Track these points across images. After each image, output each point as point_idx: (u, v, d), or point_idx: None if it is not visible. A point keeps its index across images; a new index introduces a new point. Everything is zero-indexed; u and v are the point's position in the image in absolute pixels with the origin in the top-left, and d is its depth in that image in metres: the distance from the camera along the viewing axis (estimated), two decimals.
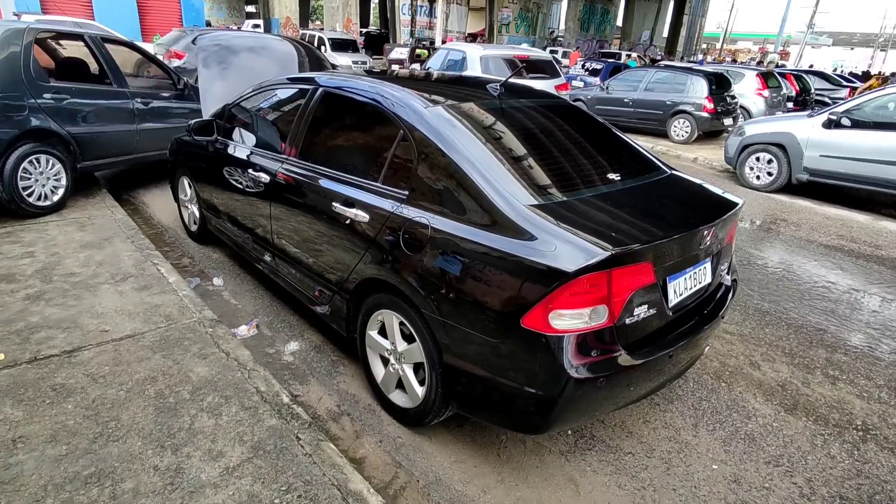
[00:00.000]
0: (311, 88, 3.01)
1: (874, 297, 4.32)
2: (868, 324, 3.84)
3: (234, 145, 3.56)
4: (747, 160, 7.54)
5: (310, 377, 2.82)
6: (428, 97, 2.48)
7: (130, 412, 2.22)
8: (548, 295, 1.78)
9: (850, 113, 6.58)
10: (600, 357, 1.88)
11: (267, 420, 2.24)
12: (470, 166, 2.11)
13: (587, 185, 2.28)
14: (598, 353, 1.88)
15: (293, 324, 3.32)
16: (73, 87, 4.63)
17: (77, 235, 4.03)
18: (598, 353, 1.88)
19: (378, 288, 2.44)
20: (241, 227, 3.54)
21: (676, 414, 2.69)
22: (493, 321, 1.93)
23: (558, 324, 1.81)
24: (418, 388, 2.33)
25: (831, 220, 6.29)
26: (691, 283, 2.24)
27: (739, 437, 2.56)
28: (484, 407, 2.12)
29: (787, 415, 2.74)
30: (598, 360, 1.87)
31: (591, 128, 2.85)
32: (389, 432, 2.45)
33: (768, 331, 3.58)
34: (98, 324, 2.87)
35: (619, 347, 1.92)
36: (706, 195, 2.55)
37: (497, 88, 2.73)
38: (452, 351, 2.09)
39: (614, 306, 1.87)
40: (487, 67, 9.14)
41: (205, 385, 2.44)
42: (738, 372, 3.08)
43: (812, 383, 3.03)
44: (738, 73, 12.55)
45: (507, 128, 2.47)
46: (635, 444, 2.46)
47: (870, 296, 4.33)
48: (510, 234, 1.91)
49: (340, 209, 2.52)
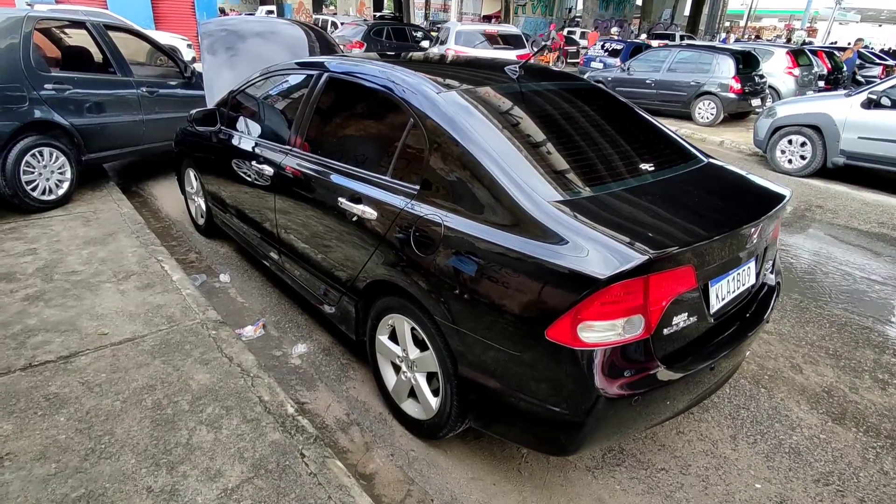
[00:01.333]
0: (316, 74, 2.81)
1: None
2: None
3: (239, 135, 3.38)
4: (779, 143, 7.16)
5: (318, 382, 2.66)
6: (441, 81, 2.26)
7: (125, 425, 2.09)
8: (577, 304, 1.57)
9: (892, 92, 6.17)
10: (635, 373, 1.67)
11: (270, 434, 2.08)
12: (488, 158, 1.89)
13: (617, 177, 2.05)
14: (632, 369, 1.67)
15: (301, 324, 3.16)
16: (76, 76, 4.49)
17: (81, 231, 3.92)
18: (633, 368, 1.67)
19: (388, 290, 2.26)
20: (247, 222, 3.38)
21: (713, 424, 2.47)
22: (513, 331, 1.73)
23: (588, 336, 1.60)
24: (432, 398, 2.15)
25: (870, 206, 5.93)
26: (734, 285, 2.01)
27: (783, 450, 2.34)
28: (503, 423, 1.93)
29: (834, 425, 2.51)
30: (633, 377, 1.67)
31: (618, 112, 2.61)
32: (402, 444, 2.28)
33: (809, 329, 3.33)
34: (97, 326, 2.74)
35: (655, 361, 1.71)
36: (750, 187, 2.30)
37: (516, 70, 2.50)
38: (468, 361, 1.90)
39: (651, 316, 1.66)
40: (460, 40, 11.69)
41: (205, 394, 2.29)
42: (778, 376, 2.85)
43: (860, 389, 2.78)
44: (766, 51, 12.00)
45: (527, 114, 2.24)
46: (668, 459, 2.26)
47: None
48: (534, 236, 1.70)
49: (347, 205, 2.34)
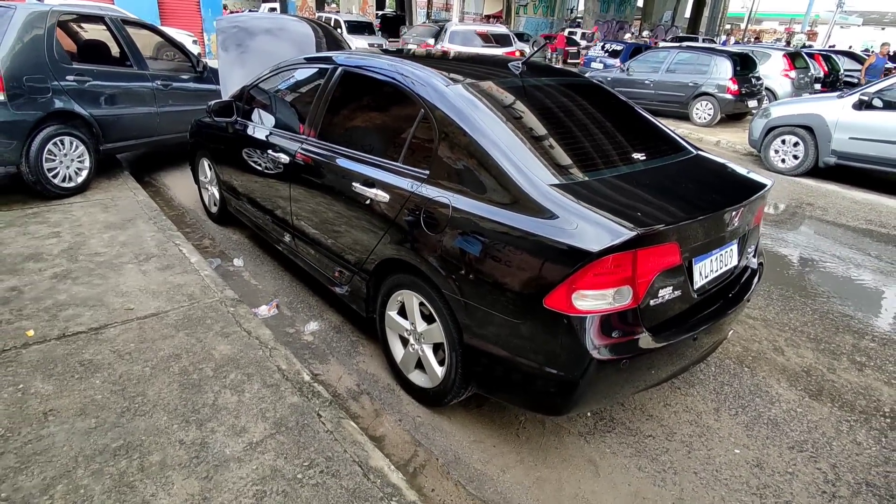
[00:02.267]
0: (331, 68, 2.99)
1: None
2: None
3: (254, 126, 3.56)
4: (772, 143, 7.35)
5: (329, 357, 2.84)
6: (448, 75, 2.44)
7: (156, 388, 2.27)
8: (571, 275, 1.76)
9: (883, 93, 6.36)
10: (623, 339, 1.86)
11: (288, 397, 2.26)
12: (491, 145, 2.08)
13: (610, 164, 2.23)
14: (621, 335, 1.85)
15: (312, 304, 3.34)
16: (95, 69, 4.67)
17: (101, 216, 4.10)
18: (622, 334, 1.86)
19: (398, 268, 2.44)
20: (261, 209, 3.56)
21: (698, 398, 2.66)
22: (514, 301, 1.91)
23: (581, 304, 1.79)
24: (438, 368, 2.34)
25: (859, 205, 6.12)
26: (717, 265, 2.20)
27: (762, 421, 2.52)
28: (504, 388, 2.12)
29: (811, 400, 2.70)
30: (622, 342, 1.85)
31: (614, 107, 2.79)
32: (409, 411, 2.46)
33: (793, 316, 3.52)
34: (123, 302, 2.92)
35: (642, 329, 1.89)
36: (733, 176, 2.48)
37: (519, 66, 2.68)
38: (473, 331, 2.08)
39: (639, 287, 1.84)
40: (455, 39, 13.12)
41: (227, 363, 2.47)
42: (761, 357, 3.03)
43: (838, 369, 2.97)
44: (763, 53, 12.20)
45: (528, 106, 2.43)
46: (656, 428, 2.44)
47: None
48: (532, 214, 1.88)
49: (360, 189, 2.52)
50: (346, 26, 18.66)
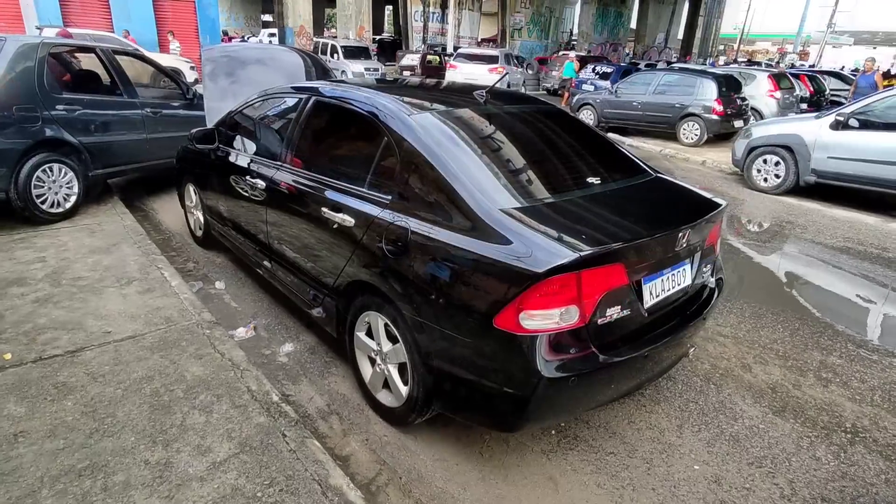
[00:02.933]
0: (305, 98, 3.10)
1: (877, 300, 4.27)
2: (868, 326, 3.81)
3: (235, 153, 3.67)
4: (754, 162, 7.49)
5: (302, 377, 2.90)
6: (413, 104, 2.55)
7: (126, 409, 2.32)
8: (518, 296, 1.83)
9: (858, 114, 6.51)
10: (572, 356, 1.92)
11: (255, 418, 2.32)
12: (447, 171, 2.17)
13: (569, 187, 2.33)
14: (570, 353, 1.92)
15: (290, 326, 3.41)
16: (86, 98, 4.81)
17: (87, 241, 4.18)
18: (571, 352, 1.92)
19: (364, 290, 2.52)
20: (242, 233, 3.65)
21: (662, 415, 2.71)
22: (469, 322, 1.98)
23: (529, 324, 1.86)
24: (402, 387, 2.40)
25: (839, 223, 6.22)
26: (669, 284, 2.27)
27: (724, 438, 2.57)
28: (463, 406, 2.18)
29: (774, 417, 2.74)
30: (570, 360, 1.92)
31: (575, 131, 2.90)
32: (376, 431, 2.51)
33: (764, 333, 3.58)
34: (101, 325, 2.98)
35: (591, 347, 1.96)
36: (689, 197, 2.58)
37: (483, 95, 2.79)
38: (433, 352, 2.15)
39: (585, 307, 1.91)
40: None
41: (199, 384, 2.53)
42: (728, 374, 3.09)
43: (803, 386, 3.02)
44: (749, 74, 12.45)
45: (488, 133, 2.54)
46: (618, 445, 2.49)
47: (872, 299, 4.28)
48: (486, 239, 1.96)
49: (329, 214, 2.61)
50: (343, 51, 19.05)
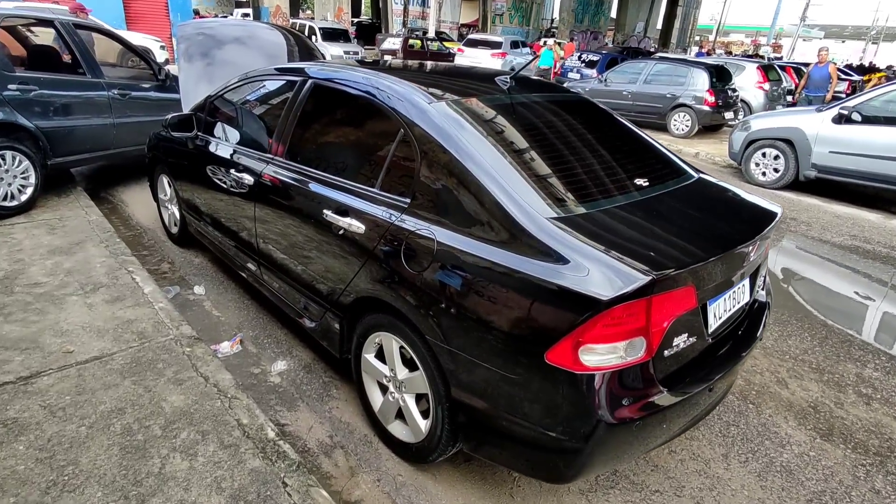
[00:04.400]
0: (300, 81, 2.71)
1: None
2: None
3: (216, 142, 3.25)
4: (753, 156, 7.31)
5: (299, 402, 2.54)
6: (430, 91, 2.19)
7: (91, 453, 1.94)
8: (578, 326, 1.51)
9: (862, 108, 6.35)
10: (636, 396, 1.62)
11: (249, 461, 1.96)
12: (482, 172, 1.83)
13: (610, 193, 2.00)
14: (633, 392, 1.62)
15: (281, 339, 3.03)
16: (43, 77, 4.28)
17: (45, 239, 3.71)
18: (634, 392, 1.62)
19: (375, 307, 2.17)
20: (224, 232, 3.25)
21: (704, 442, 2.44)
22: (511, 354, 1.66)
23: (589, 360, 1.54)
24: (421, 421, 2.07)
25: (841, 219, 6.07)
26: (731, 304, 1.98)
27: (775, 469, 2.32)
28: (498, 450, 1.86)
29: (823, 441, 2.51)
30: (634, 401, 1.61)
31: (609, 126, 2.57)
32: (388, 469, 2.18)
33: (792, 343, 3.35)
34: (62, 343, 2.57)
35: (657, 385, 1.66)
36: (742, 203, 2.28)
37: (507, 81, 2.44)
38: (462, 383, 1.82)
39: (653, 338, 1.61)
40: None
41: (179, 417, 2.15)
42: (765, 391, 2.84)
43: (845, 403, 2.80)
44: (738, 65, 12.32)
45: (519, 127, 2.19)
46: (662, 480, 2.21)
47: (893, 302, 4.11)
48: (532, 254, 1.63)
49: (332, 217, 2.24)
50: (321, 33, 18.38)
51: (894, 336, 3.60)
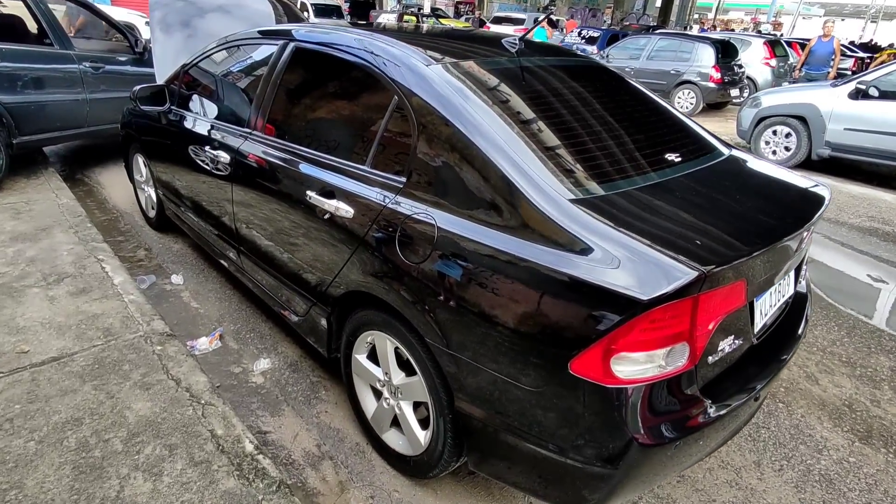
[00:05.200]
0: (282, 44, 2.40)
1: None
2: None
3: (192, 117, 2.94)
4: (763, 134, 7.01)
5: (283, 405, 2.29)
6: (431, 54, 1.89)
7: (40, 474, 1.68)
8: (611, 331, 1.25)
9: (880, 82, 6.05)
10: (676, 413, 1.37)
11: (222, 481, 1.70)
12: (490, 145, 1.54)
13: (636, 172, 1.71)
14: (673, 408, 1.36)
15: (265, 334, 2.77)
16: (5, 48, 3.94)
17: (9, 225, 3.41)
18: (674, 407, 1.36)
19: (367, 301, 1.90)
20: (202, 216, 2.96)
21: (734, 448, 2.21)
22: (526, 362, 1.40)
23: (622, 371, 1.28)
24: (420, 432, 1.81)
25: (857, 200, 5.81)
26: (776, 297, 1.73)
27: (814, 478, 2.08)
28: (510, 472, 1.60)
29: (862, 445, 2.28)
30: (674, 417, 1.36)
31: (629, 95, 2.29)
32: (383, 483, 1.93)
33: (818, 333, 3.11)
34: (15, 342, 2.29)
35: (699, 396, 1.40)
36: (785, 185, 1.99)
37: (515, 44, 2.14)
38: (468, 393, 1.56)
39: (697, 342, 1.34)
40: None
41: (144, 429, 1.89)
42: (794, 388, 2.61)
43: (882, 401, 2.56)
44: (744, 41, 11.93)
45: (530, 95, 1.89)
46: (691, 494, 1.97)
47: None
48: (552, 243, 1.36)
49: (317, 200, 1.95)
50: (314, 9, 17.78)
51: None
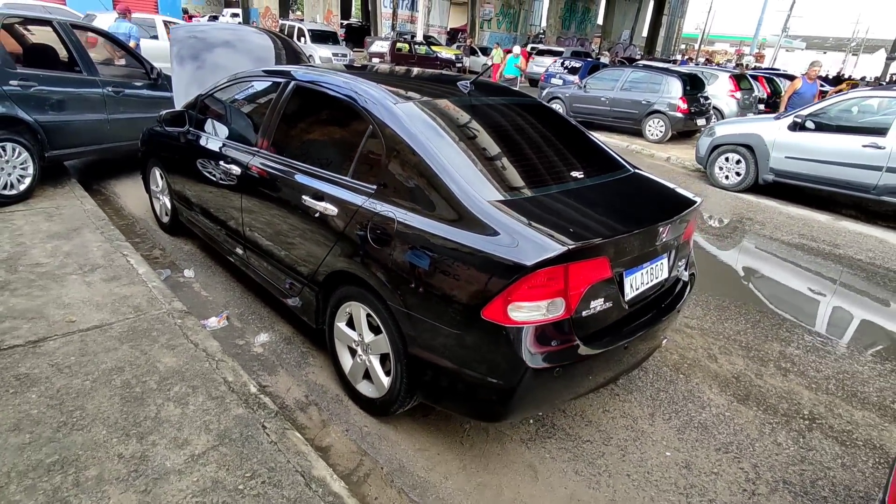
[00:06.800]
0: (285, 81, 3.03)
1: (828, 293, 4.51)
2: (822, 319, 4.02)
3: (207, 137, 3.55)
4: (717, 160, 7.74)
5: (279, 368, 2.85)
6: (398, 93, 2.53)
7: (96, 402, 2.24)
8: (507, 287, 1.85)
9: (815, 116, 6.81)
10: (557, 347, 1.96)
11: (233, 409, 2.27)
12: (436, 162, 2.16)
13: (552, 181, 2.36)
14: (555, 344, 1.96)
15: (264, 316, 3.34)
16: (41, 73, 4.54)
17: (44, 225, 3.98)
18: (556, 343, 1.96)
19: (346, 280, 2.49)
20: (213, 220, 3.54)
21: (635, 404, 2.79)
22: (455, 313, 1.99)
23: (517, 315, 1.88)
24: (384, 378, 2.39)
25: (794, 220, 6.51)
26: (648, 277, 2.34)
27: (693, 425, 2.67)
28: (447, 396, 2.19)
29: (739, 405, 2.87)
30: (555, 351, 1.95)
31: (558, 126, 2.93)
32: (356, 422, 2.50)
33: (727, 325, 3.73)
34: (64, 314, 2.85)
35: (575, 338, 2.00)
36: (665, 193, 2.65)
37: (467, 86, 2.79)
38: (417, 342, 2.15)
39: (571, 299, 1.95)
40: None
41: (172, 375, 2.45)
42: (696, 364, 3.21)
43: (765, 375, 3.17)
44: (711, 74, 12.84)
45: (475, 124, 2.53)
46: (594, 433, 2.56)
47: (824, 292, 4.51)
48: (474, 229, 1.97)
49: (310, 202, 2.56)
50: (310, 35, 18.62)
51: (816, 320, 4.00)
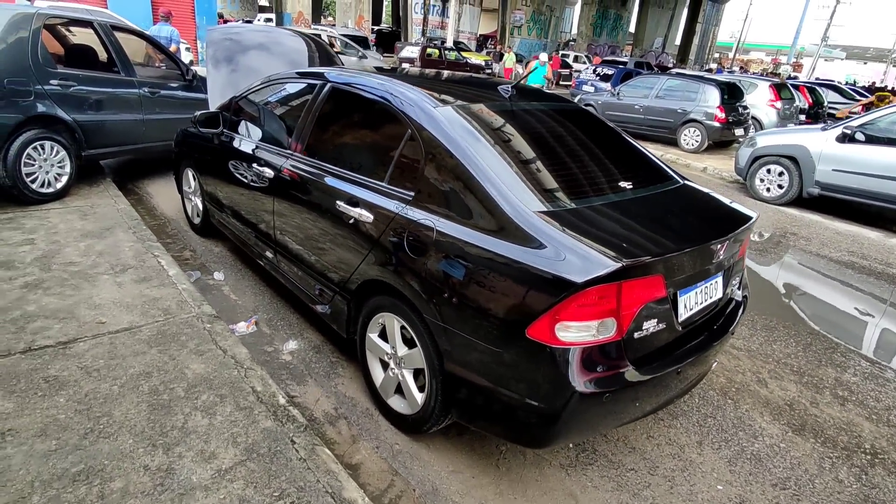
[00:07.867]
0: (320, 84, 2.96)
1: (885, 316, 4.23)
2: (878, 344, 3.77)
3: (240, 139, 3.51)
4: (758, 172, 7.45)
5: (308, 378, 2.77)
6: (438, 97, 2.42)
7: (123, 408, 2.18)
8: (555, 305, 1.72)
9: (865, 127, 6.49)
10: (607, 372, 1.82)
11: (262, 421, 2.18)
12: (478, 169, 2.05)
13: (598, 192, 2.22)
14: (604, 368, 1.82)
15: (293, 322, 3.27)
16: (81, 74, 4.60)
17: (78, 224, 4.00)
18: (605, 367, 1.82)
19: (380, 290, 2.39)
20: (244, 222, 3.50)
21: (681, 430, 2.62)
22: (496, 330, 1.87)
23: (565, 336, 1.75)
24: (418, 394, 2.28)
25: (842, 236, 6.20)
26: (702, 297, 2.18)
27: (745, 456, 2.49)
28: (484, 417, 2.06)
29: (794, 435, 2.67)
30: (605, 375, 1.81)
31: (602, 134, 2.79)
32: (387, 438, 2.39)
33: (776, 347, 3.51)
34: (95, 315, 2.82)
35: (626, 362, 1.86)
36: (719, 207, 2.48)
37: (508, 90, 2.67)
38: (454, 358, 2.03)
39: (623, 319, 1.81)
40: None
41: (200, 382, 2.39)
42: (744, 389, 3.01)
43: (821, 403, 2.96)
44: (750, 83, 12.45)
45: (516, 131, 2.41)
46: (638, 461, 2.40)
47: (880, 315, 4.25)
48: (518, 241, 1.85)
49: (344, 208, 2.47)
50: (341, 42, 18.75)
51: (877, 344, 3.74)
